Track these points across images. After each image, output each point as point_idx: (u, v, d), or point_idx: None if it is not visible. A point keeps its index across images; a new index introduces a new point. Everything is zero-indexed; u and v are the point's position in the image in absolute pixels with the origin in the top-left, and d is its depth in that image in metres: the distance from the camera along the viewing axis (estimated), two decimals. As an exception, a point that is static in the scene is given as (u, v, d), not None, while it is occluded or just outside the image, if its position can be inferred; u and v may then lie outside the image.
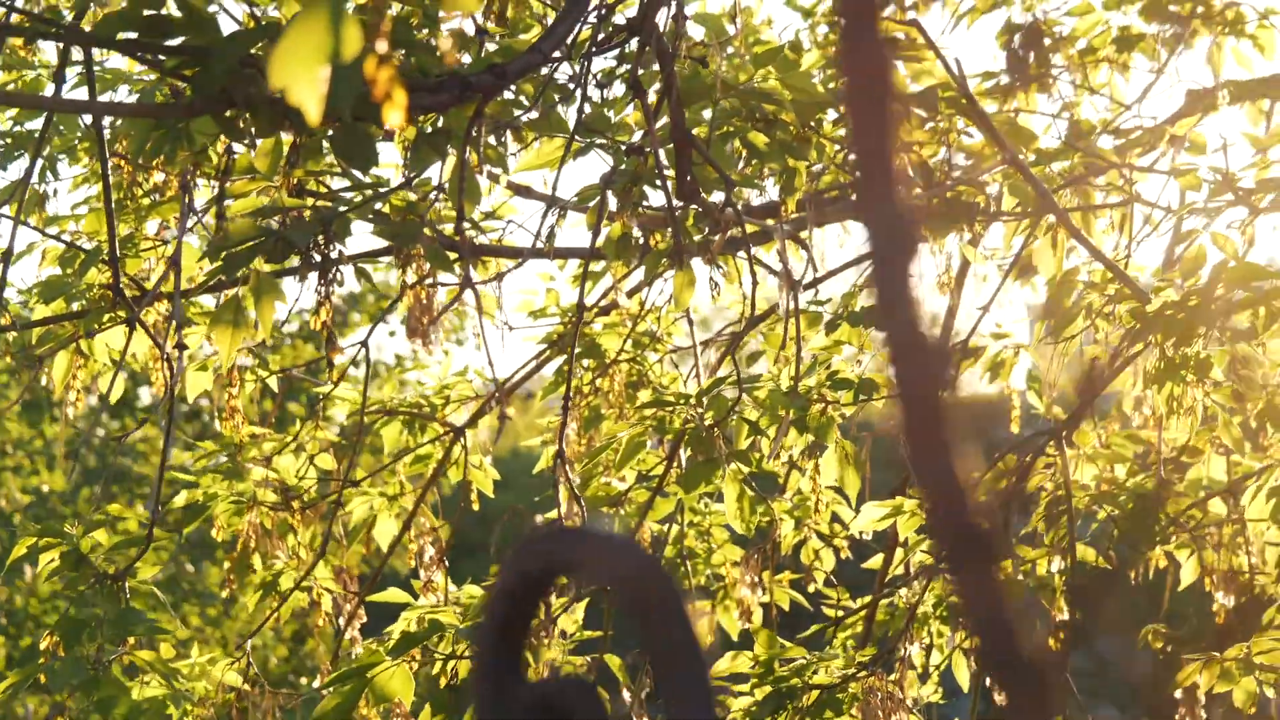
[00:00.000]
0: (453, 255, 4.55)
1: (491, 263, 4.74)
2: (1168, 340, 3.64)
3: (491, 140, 4.23)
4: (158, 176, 3.79)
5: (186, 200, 3.40)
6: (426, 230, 4.40)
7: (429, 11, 4.06)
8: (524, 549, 1.25)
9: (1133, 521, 4.03)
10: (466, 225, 4.77)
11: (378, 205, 3.95)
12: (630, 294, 4.67)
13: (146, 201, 4.16)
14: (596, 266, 4.68)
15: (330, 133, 3.09)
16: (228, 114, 2.86)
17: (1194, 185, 3.86)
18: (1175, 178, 3.89)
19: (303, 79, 1.69)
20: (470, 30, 3.61)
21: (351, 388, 4.98)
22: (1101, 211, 4.29)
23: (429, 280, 4.28)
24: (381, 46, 1.88)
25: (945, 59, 3.78)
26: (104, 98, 3.95)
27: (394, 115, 1.85)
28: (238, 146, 3.74)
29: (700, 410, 3.99)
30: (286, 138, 3.36)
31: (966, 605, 0.95)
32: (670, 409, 4.10)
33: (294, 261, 3.51)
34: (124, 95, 3.95)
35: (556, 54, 3.81)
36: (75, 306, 4.13)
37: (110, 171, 4.05)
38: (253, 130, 2.89)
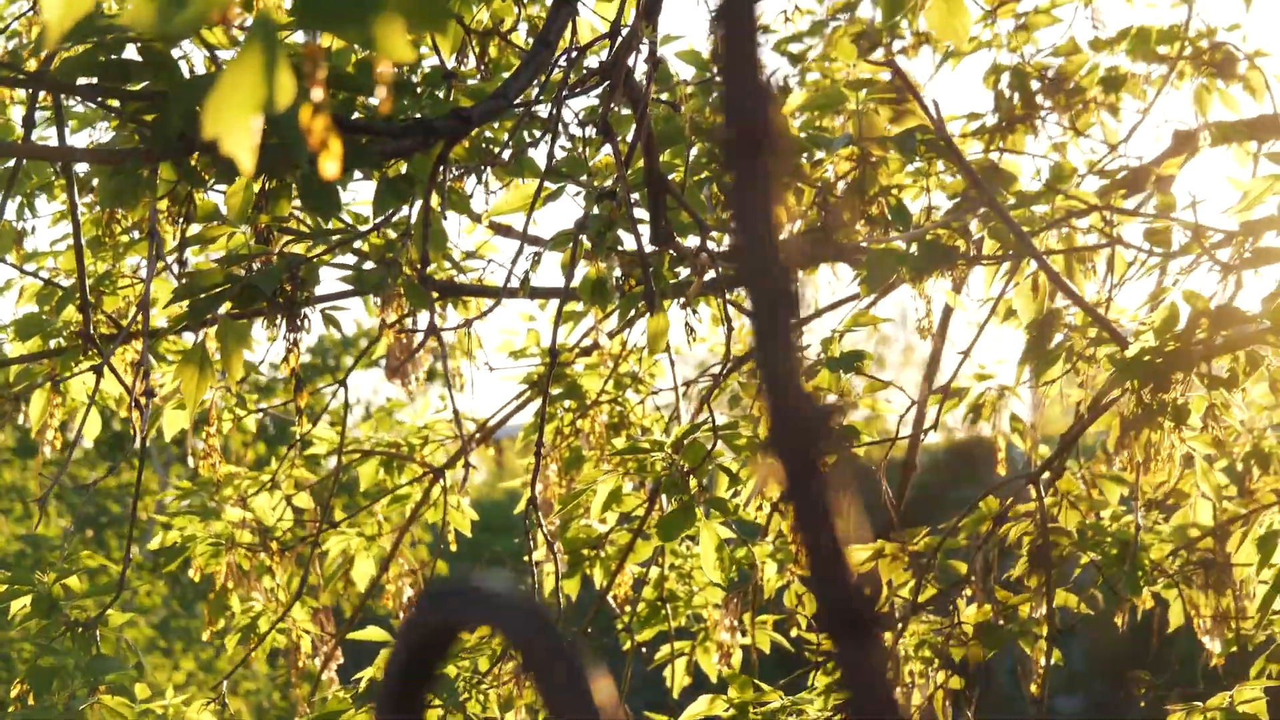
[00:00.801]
0: (434, 294, 4.54)
1: (472, 302, 4.72)
2: (1145, 386, 3.61)
3: (465, 182, 4.22)
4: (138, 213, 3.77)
5: (154, 244, 3.37)
6: (407, 269, 4.38)
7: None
8: (421, 607, 1.22)
9: (1115, 567, 3.99)
10: (448, 266, 4.77)
11: (356, 245, 3.94)
12: (611, 335, 4.64)
13: (125, 239, 4.14)
14: (578, 306, 4.66)
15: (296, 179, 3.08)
16: (188, 159, 2.84)
17: (1164, 241, 3.84)
18: (1145, 238, 3.86)
19: (236, 128, 1.66)
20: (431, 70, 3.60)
21: (329, 427, 4.96)
22: (1084, 254, 4.26)
23: (407, 320, 4.25)
24: (317, 94, 1.86)
25: (922, 100, 3.76)
26: (81, 138, 3.94)
27: (330, 165, 1.83)
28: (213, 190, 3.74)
29: (676, 457, 3.96)
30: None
31: (844, 679, 0.92)
32: (646, 455, 4.07)
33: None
34: (100, 135, 3.94)
35: (532, 96, 3.80)
36: (54, 344, 4.11)
37: (86, 210, 4.04)
38: (211, 176, 2.87)
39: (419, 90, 3.89)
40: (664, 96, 4.24)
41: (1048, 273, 3.85)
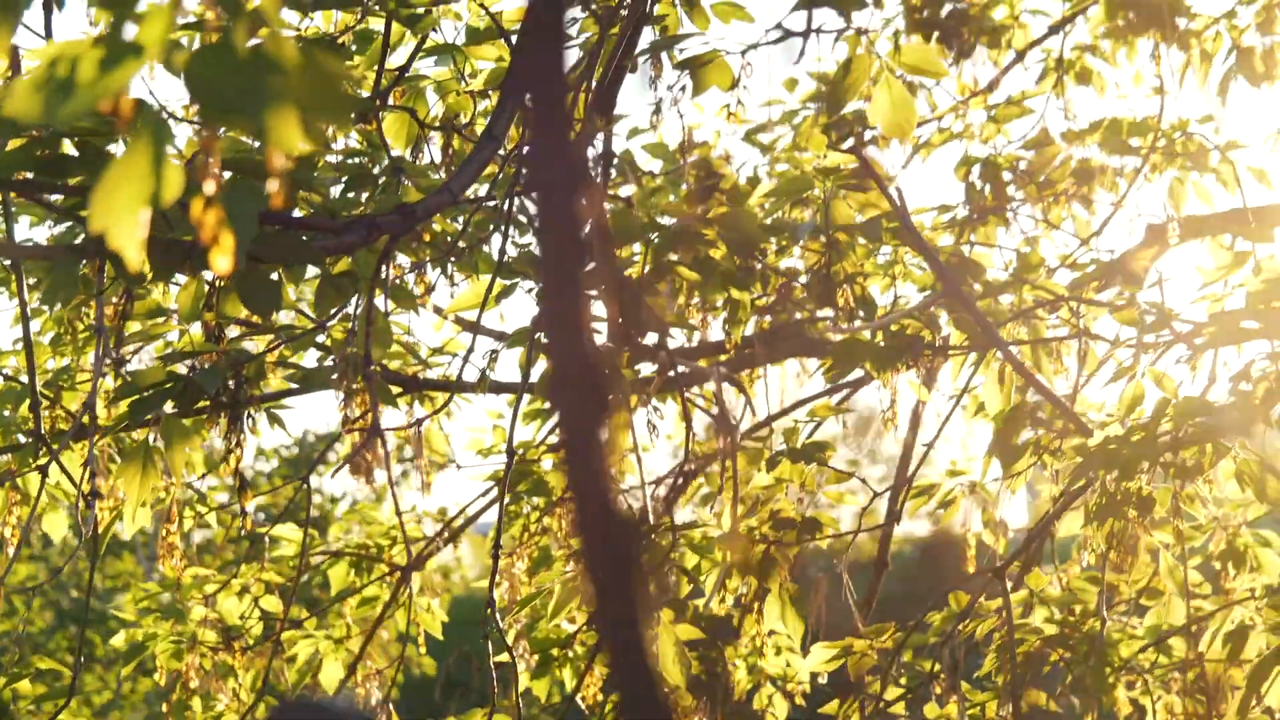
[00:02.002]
0: (396, 390, 4.49)
1: (440, 399, 4.68)
2: (1109, 476, 3.55)
3: (428, 275, 4.19)
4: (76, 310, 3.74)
5: (102, 341, 3.33)
6: (375, 368, 4.34)
7: (372, 141, 4.03)
8: None
9: (1085, 665, 3.91)
10: (414, 362, 4.72)
11: (319, 340, 3.90)
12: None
13: (86, 335, 4.11)
14: (547, 404, 4.61)
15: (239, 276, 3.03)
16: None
17: (1131, 320, 3.79)
18: (1112, 314, 3.82)
19: (122, 222, 1.62)
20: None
21: (296, 527, 4.89)
22: (1053, 346, 4.22)
23: (370, 417, 4.20)
24: (209, 188, 1.82)
25: (885, 188, 3.73)
26: (40, 232, 3.90)
27: (222, 261, 1.79)
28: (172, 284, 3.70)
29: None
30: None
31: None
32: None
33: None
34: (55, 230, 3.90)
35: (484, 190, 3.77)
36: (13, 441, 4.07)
37: (43, 307, 4.00)
38: (149, 273, 2.83)
39: (378, 184, 3.87)
40: (625, 190, 4.22)
41: (1014, 365, 3.81)
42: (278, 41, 1.48)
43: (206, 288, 3.31)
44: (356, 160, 3.98)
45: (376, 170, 3.93)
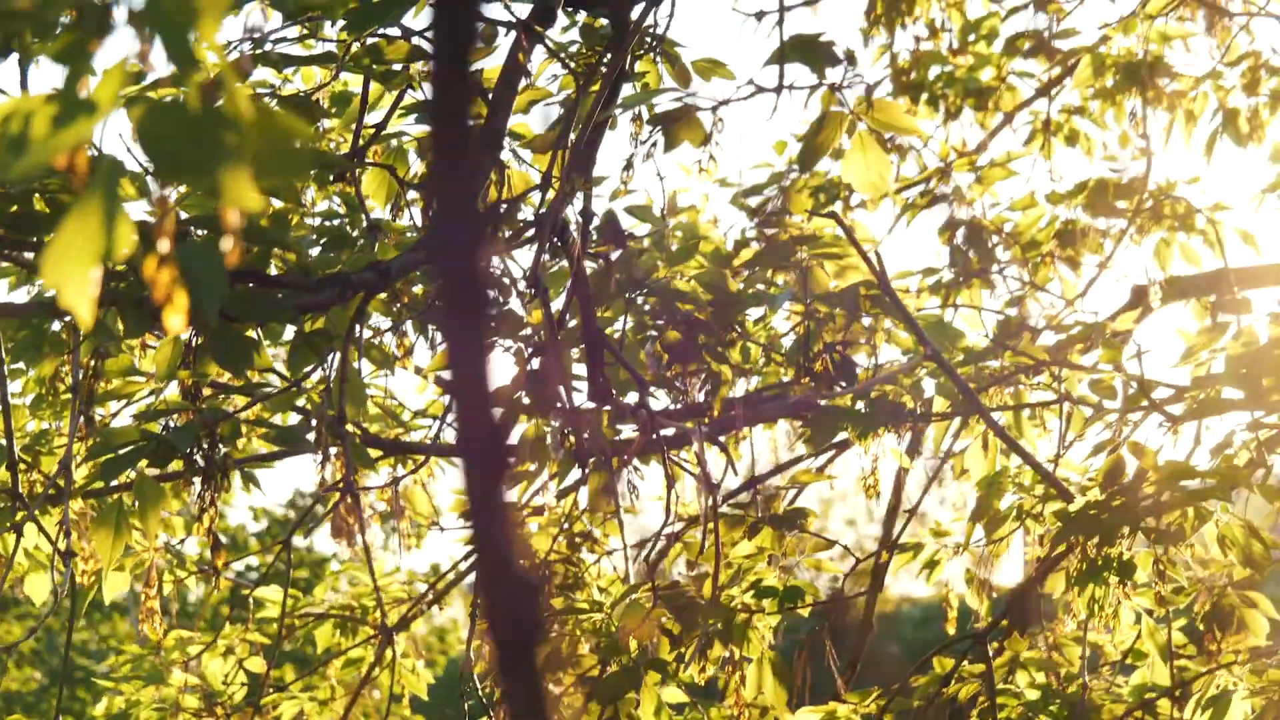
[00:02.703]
0: (376, 453, 4.48)
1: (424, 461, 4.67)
2: (1090, 541, 3.53)
3: (408, 336, 4.18)
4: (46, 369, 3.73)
5: (77, 400, 3.32)
6: (352, 428, 4.32)
7: (350, 202, 4.03)
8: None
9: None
10: (397, 425, 4.71)
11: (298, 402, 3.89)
12: (560, 495, 4.58)
13: (67, 396, 4.10)
14: (530, 466, 4.60)
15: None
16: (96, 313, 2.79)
17: (1109, 394, 3.78)
18: (1091, 388, 3.81)
19: (73, 280, 1.61)
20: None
21: (277, 589, 4.87)
22: (1036, 410, 4.21)
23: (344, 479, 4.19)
24: (163, 245, 1.81)
25: (865, 253, 3.72)
26: (19, 294, 3.89)
27: (175, 320, 1.78)
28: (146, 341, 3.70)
29: (613, 617, 3.89)
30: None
31: None
32: (588, 616, 3.99)
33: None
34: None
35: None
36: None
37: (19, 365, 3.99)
38: (121, 330, 2.83)
39: (357, 242, 3.87)
40: (613, 252, 4.21)
41: (995, 431, 3.79)
42: (233, 98, 1.46)
43: (184, 346, 3.30)
44: (335, 222, 3.99)
45: (355, 233, 3.94)
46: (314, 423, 3.56)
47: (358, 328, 3.26)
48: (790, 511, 3.85)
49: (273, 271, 3.22)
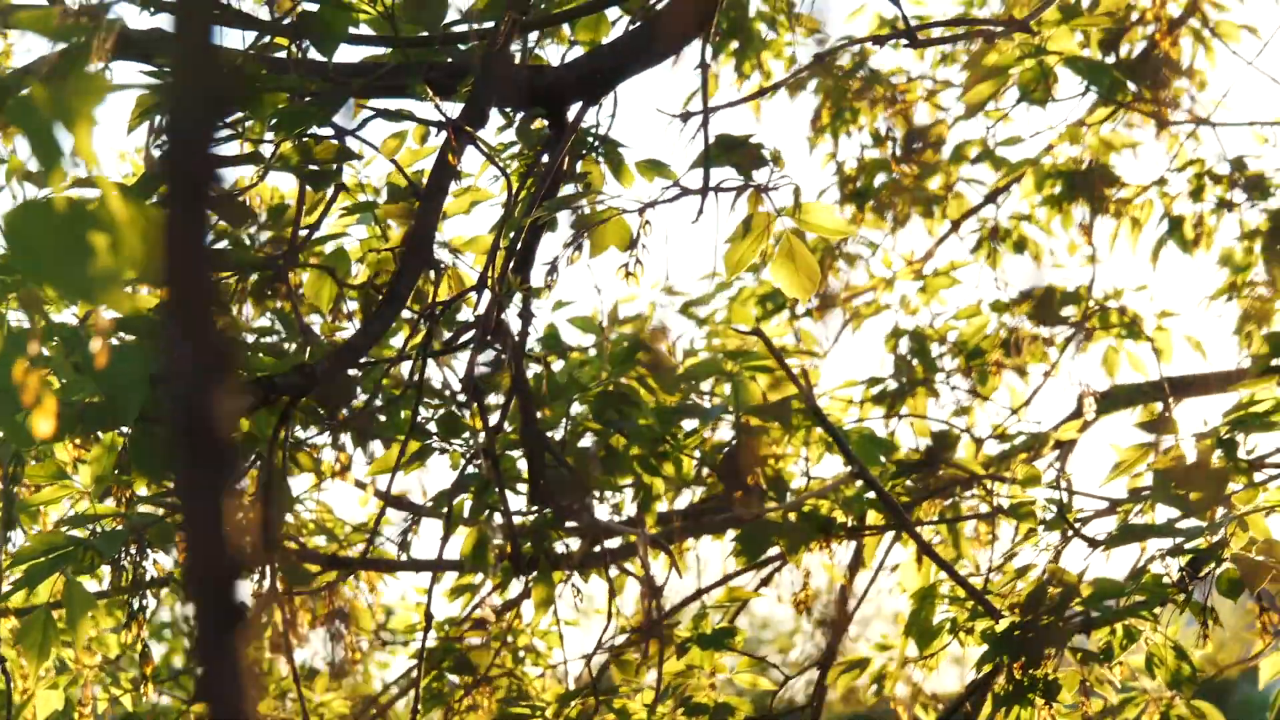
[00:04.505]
0: (314, 567, 4.46)
1: (363, 576, 4.64)
2: (1015, 662, 3.50)
3: (345, 445, 4.17)
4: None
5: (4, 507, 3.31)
6: (290, 544, 4.30)
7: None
8: None
9: None
10: (340, 538, 4.69)
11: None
12: (505, 608, 4.55)
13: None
14: (476, 579, 4.59)
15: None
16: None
17: (1031, 522, 3.77)
18: (1007, 517, 3.79)
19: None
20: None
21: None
22: (976, 523, 4.19)
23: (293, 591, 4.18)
24: (33, 348, 1.81)
25: (790, 370, 3.72)
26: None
27: (43, 423, 1.78)
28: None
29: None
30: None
31: None
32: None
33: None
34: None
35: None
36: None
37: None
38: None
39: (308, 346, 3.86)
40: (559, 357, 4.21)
41: (921, 547, 3.77)
42: (106, 198, 1.43)
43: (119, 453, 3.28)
44: (271, 339, 3.98)
45: (293, 348, 3.93)
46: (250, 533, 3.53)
47: (283, 432, 3.24)
48: (719, 630, 3.82)
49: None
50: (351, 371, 3.74)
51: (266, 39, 2.90)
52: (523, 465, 3.95)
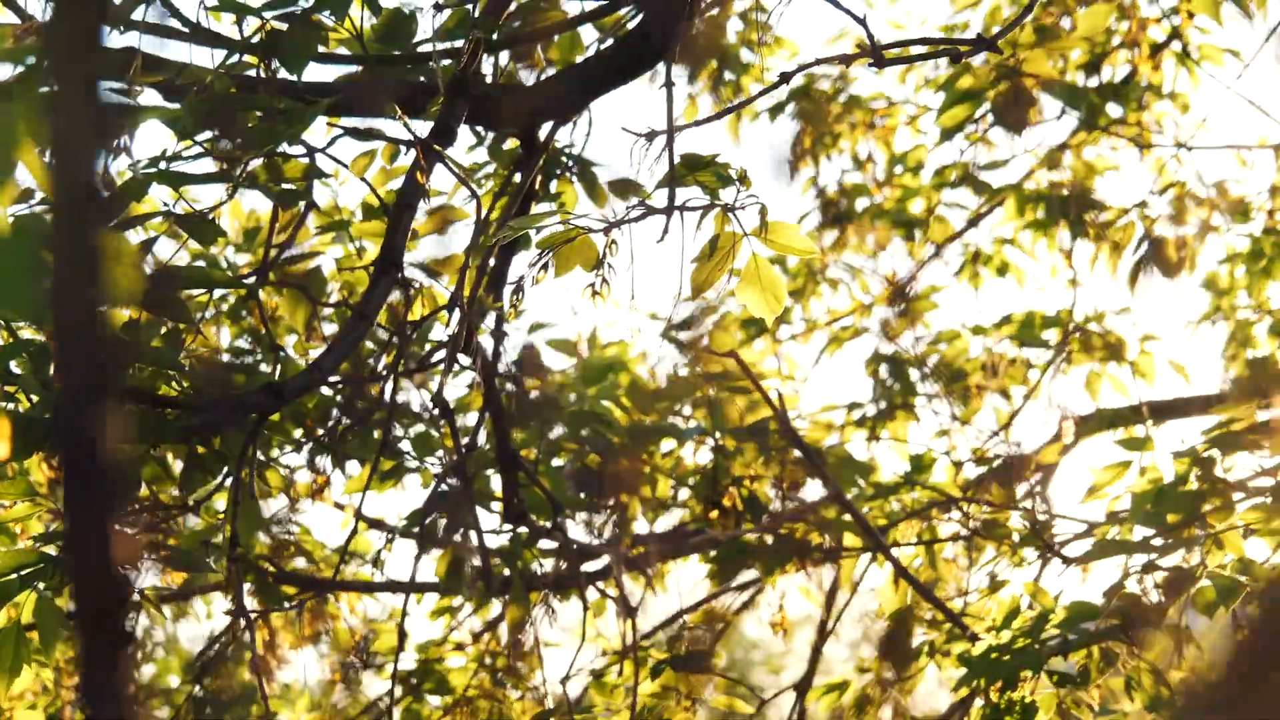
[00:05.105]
0: (290, 589, 4.44)
1: (343, 597, 4.63)
2: (992, 685, 3.49)
3: (326, 464, 4.16)
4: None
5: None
6: (268, 565, 4.29)
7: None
8: None
9: None
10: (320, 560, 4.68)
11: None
12: (482, 631, 4.55)
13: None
14: (455, 601, 4.58)
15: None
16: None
17: (1005, 538, 3.77)
18: (977, 537, 3.79)
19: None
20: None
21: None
22: (953, 545, 4.18)
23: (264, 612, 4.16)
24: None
25: (765, 392, 3.72)
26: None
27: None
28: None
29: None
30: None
31: None
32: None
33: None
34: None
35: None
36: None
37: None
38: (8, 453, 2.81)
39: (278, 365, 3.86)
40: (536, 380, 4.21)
41: (897, 569, 3.77)
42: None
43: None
44: (244, 360, 3.99)
45: (268, 368, 3.93)
46: (215, 551, 3.54)
47: (251, 450, 3.24)
48: (693, 653, 3.81)
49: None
50: (325, 390, 3.74)
51: (236, 58, 2.91)
52: (497, 484, 3.95)
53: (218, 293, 3.96)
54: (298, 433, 4.09)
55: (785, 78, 2.53)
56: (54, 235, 0.87)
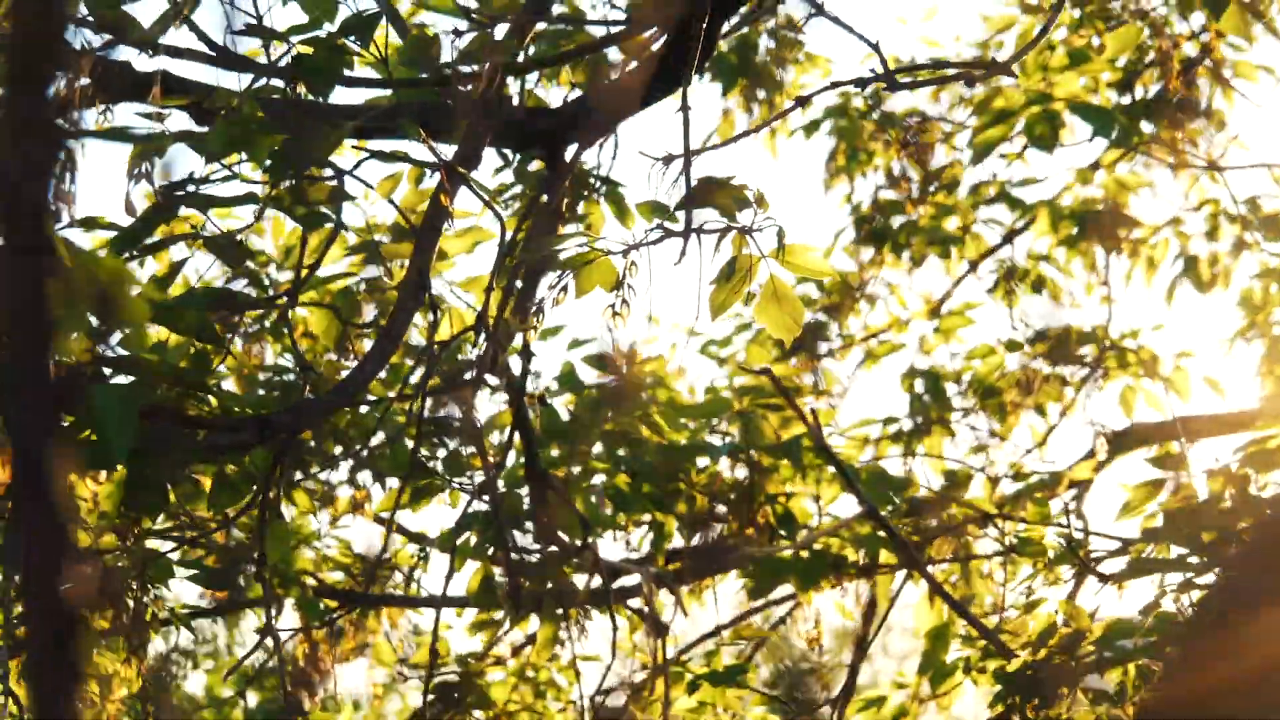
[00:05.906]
0: (331, 603, 4.47)
1: (384, 612, 4.66)
2: (1027, 703, 3.49)
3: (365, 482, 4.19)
4: None
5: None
6: (309, 579, 4.31)
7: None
8: None
9: None
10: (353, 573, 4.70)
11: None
12: (520, 647, 4.56)
13: None
14: (497, 615, 4.60)
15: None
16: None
17: (1040, 554, 3.76)
18: (1012, 553, 3.78)
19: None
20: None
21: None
22: (990, 561, 4.18)
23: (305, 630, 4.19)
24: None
25: (799, 409, 3.73)
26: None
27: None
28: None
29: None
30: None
31: None
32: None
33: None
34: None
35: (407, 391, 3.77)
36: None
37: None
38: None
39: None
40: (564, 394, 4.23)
41: (933, 586, 3.77)
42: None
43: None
44: (284, 377, 4.02)
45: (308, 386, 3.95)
46: (248, 569, 3.56)
47: (279, 469, 3.25)
48: (730, 668, 3.82)
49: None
50: (363, 409, 3.77)
51: (263, 81, 2.93)
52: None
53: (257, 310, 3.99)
54: (337, 450, 4.12)
55: (801, 101, 2.54)
56: (2, 263, 0.88)
